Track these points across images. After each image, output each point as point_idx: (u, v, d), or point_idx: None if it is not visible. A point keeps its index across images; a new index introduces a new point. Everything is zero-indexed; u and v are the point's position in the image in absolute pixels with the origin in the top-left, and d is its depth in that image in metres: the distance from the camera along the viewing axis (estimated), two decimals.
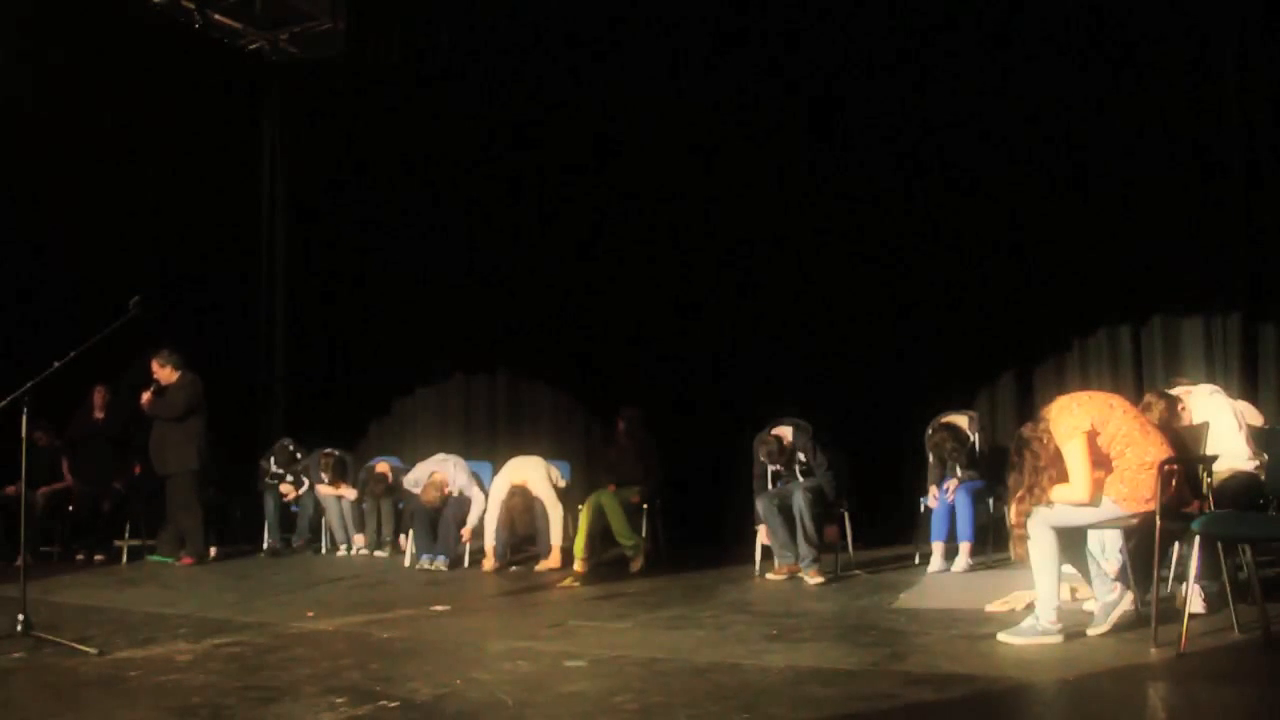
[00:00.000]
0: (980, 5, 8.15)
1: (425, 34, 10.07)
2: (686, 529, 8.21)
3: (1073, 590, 5.12)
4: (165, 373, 8.18)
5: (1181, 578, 4.90)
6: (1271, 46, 7.28)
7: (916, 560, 7.12)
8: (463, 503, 7.94)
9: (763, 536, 7.01)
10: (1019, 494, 4.59)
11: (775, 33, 8.81)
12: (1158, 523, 4.31)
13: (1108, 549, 5.11)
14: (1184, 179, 7.62)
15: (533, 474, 7.76)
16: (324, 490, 8.73)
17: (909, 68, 8.42)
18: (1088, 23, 7.85)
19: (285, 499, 9.01)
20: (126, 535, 8.59)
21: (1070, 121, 7.96)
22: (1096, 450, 4.46)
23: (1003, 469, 5.34)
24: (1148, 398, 5.37)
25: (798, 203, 8.77)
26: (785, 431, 7.08)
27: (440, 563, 7.73)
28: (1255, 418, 5.86)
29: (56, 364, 5.16)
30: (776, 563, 6.89)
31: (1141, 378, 7.69)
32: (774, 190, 8.86)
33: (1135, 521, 4.48)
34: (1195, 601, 4.62)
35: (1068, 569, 4.61)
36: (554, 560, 7.54)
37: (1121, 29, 7.78)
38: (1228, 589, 4.59)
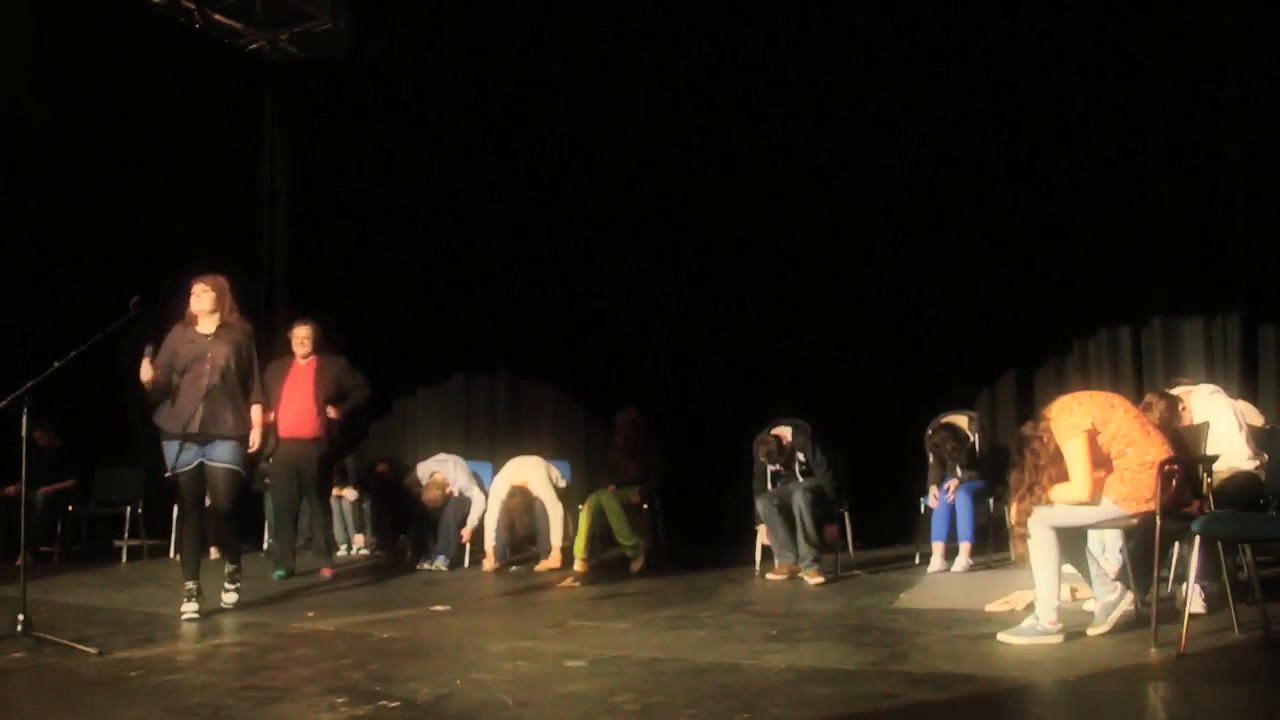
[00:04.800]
0: (983, 5, 8.16)
1: (425, 33, 10.08)
2: (686, 529, 8.21)
3: (1073, 590, 5.11)
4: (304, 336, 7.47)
5: (1181, 578, 4.89)
6: (1273, 48, 7.28)
7: (916, 560, 7.12)
8: (463, 503, 7.93)
9: (763, 536, 7.02)
10: (1019, 493, 4.58)
11: (775, 31, 8.81)
12: (1158, 523, 4.30)
13: (1108, 549, 5.11)
14: (1184, 179, 7.63)
15: (533, 474, 7.76)
16: None
17: (910, 67, 8.42)
18: (1089, 24, 7.85)
19: None
20: (125, 535, 8.56)
21: (1071, 122, 7.97)
22: (1097, 450, 4.44)
23: (1003, 469, 5.34)
24: (1148, 398, 5.37)
25: (798, 202, 8.77)
26: (785, 431, 7.08)
27: (440, 563, 7.72)
28: (1255, 418, 5.85)
29: (56, 364, 5.16)
30: (776, 563, 6.89)
31: (1141, 378, 7.69)
32: (774, 189, 8.86)
33: (1135, 521, 4.47)
34: (1195, 601, 4.62)
35: (1068, 569, 4.60)
36: (554, 560, 7.55)
37: (1122, 30, 7.78)
38: (1228, 589, 4.58)
